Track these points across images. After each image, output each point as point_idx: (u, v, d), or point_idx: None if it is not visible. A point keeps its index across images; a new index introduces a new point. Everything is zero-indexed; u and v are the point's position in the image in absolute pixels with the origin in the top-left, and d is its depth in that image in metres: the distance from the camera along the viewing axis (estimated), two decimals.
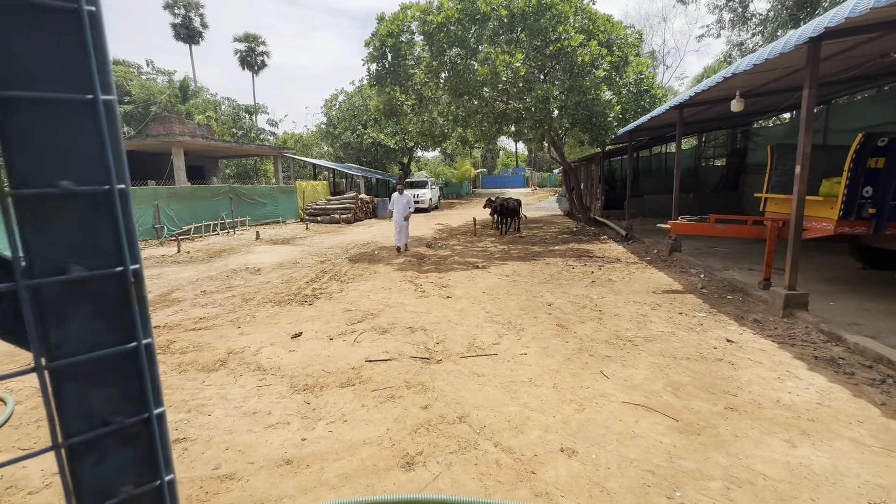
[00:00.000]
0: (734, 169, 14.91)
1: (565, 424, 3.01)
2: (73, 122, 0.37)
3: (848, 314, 4.84)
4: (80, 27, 0.36)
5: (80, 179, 0.37)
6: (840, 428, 2.85)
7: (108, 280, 0.39)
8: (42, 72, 0.35)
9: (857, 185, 5.14)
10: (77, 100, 0.37)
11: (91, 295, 0.38)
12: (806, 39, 4.23)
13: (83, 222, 0.38)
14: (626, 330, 4.82)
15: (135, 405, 0.40)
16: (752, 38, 18.41)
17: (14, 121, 0.35)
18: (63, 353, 0.37)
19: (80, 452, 0.38)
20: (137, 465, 0.41)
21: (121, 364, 0.40)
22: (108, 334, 0.39)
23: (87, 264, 0.38)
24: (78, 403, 0.38)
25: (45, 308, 0.36)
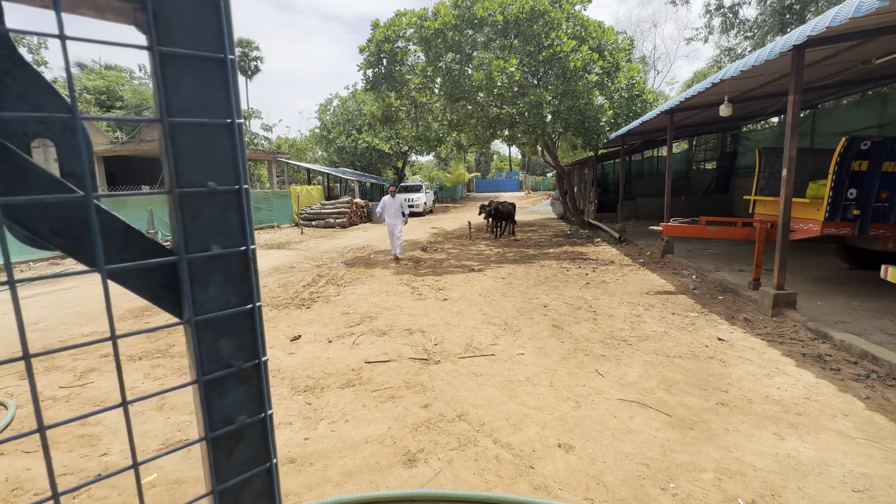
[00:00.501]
0: (724, 172, 15.18)
1: (562, 421, 3.09)
2: (217, 139, 0.47)
3: (835, 313, 4.98)
4: (224, 70, 0.47)
5: (220, 181, 0.48)
6: (826, 421, 2.96)
7: (236, 256, 0.50)
8: (198, 103, 0.45)
9: (842, 188, 5.30)
10: (220, 123, 0.47)
11: (224, 267, 0.49)
12: (790, 47, 4.39)
13: (221, 213, 0.48)
14: (621, 330, 4.92)
15: (249, 353, 0.51)
16: (741, 44, 18.79)
17: (180, 140, 0.45)
18: (205, 310, 0.48)
19: (212, 387, 0.49)
20: (249, 401, 0.52)
21: (241, 320, 0.51)
22: (235, 297, 0.50)
23: (222, 244, 0.49)
24: (212, 349, 0.48)
25: (195, 276, 0.47)
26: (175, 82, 0.44)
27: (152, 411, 3.45)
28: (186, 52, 0.43)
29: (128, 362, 4.50)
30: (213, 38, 0.44)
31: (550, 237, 13.58)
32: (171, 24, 0.42)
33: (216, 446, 0.51)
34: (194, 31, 0.43)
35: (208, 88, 0.45)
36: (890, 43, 5.52)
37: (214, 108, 0.46)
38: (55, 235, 0.43)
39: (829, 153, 5.92)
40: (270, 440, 0.55)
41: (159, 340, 5.11)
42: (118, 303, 6.96)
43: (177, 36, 0.42)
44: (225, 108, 0.47)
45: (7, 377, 4.23)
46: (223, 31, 0.45)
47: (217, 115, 0.46)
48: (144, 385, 3.94)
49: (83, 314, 6.36)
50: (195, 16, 0.43)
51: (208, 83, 0.45)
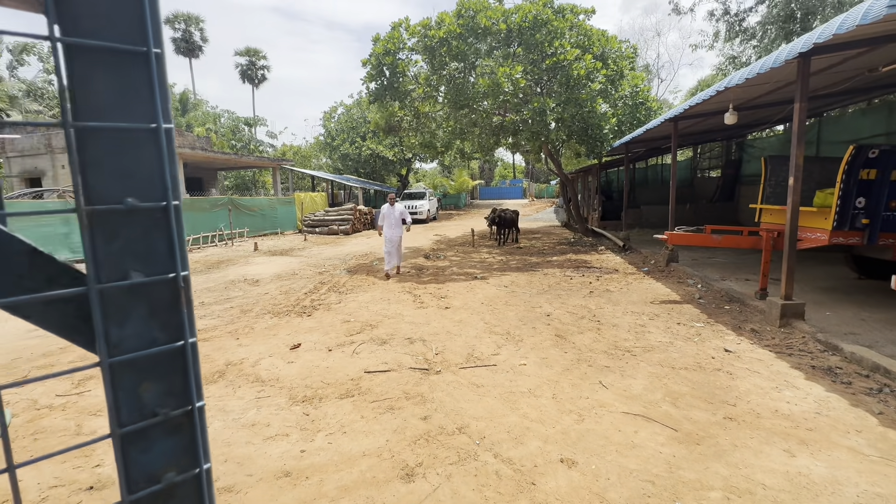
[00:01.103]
0: (729, 180, 15.08)
1: (565, 435, 3.01)
2: (139, 147, 0.41)
3: (844, 324, 4.87)
4: (147, 66, 0.40)
5: (143, 196, 0.42)
6: (838, 437, 2.86)
7: (162, 285, 0.43)
8: (115, 104, 0.40)
9: (850, 196, 5.22)
10: (143, 128, 0.41)
11: (147, 298, 0.42)
12: (796, 55, 4.34)
13: (143, 234, 0.42)
14: (625, 340, 4.83)
15: (180, 398, 0.44)
16: (745, 52, 18.76)
17: (90, 146, 0.39)
18: (122, 349, 0.41)
19: (132, 440, 0.42)
20: (180, 454, 0.45)
21: (170, 360, 0.44)
22: (161, 333, 0.43)
23: (145, 271, 0.42)
24: (132, 396, 0.42)
25: (109, 309, 0.41)
26: (84, 79, 0.38)
27: None
28: (97, 44, 0.37)
29: None
30: (134, 28, 0.38)
31: (554, 245, 13.50)
32: (78, 10, 0.36)
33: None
34: (109, 19, 0.37)
35: (127, 87, 0.39)
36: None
37: (136, 110, 0.40)
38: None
39: (836, 161, 5.85)
40: (207, 499, 0.47)
41: None
42: None
43: (85, 24, 0.37)
44: (149, 110, 0.41)
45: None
46: (146, 20, 0.38)
47: (139, 119, 0.40)
48: None
49: None
50: (110, 1, 0.37)
51: (127, 81, 0.39)
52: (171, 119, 0.42)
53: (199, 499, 0.45)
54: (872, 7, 3.34)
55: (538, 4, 11.70)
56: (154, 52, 0.40)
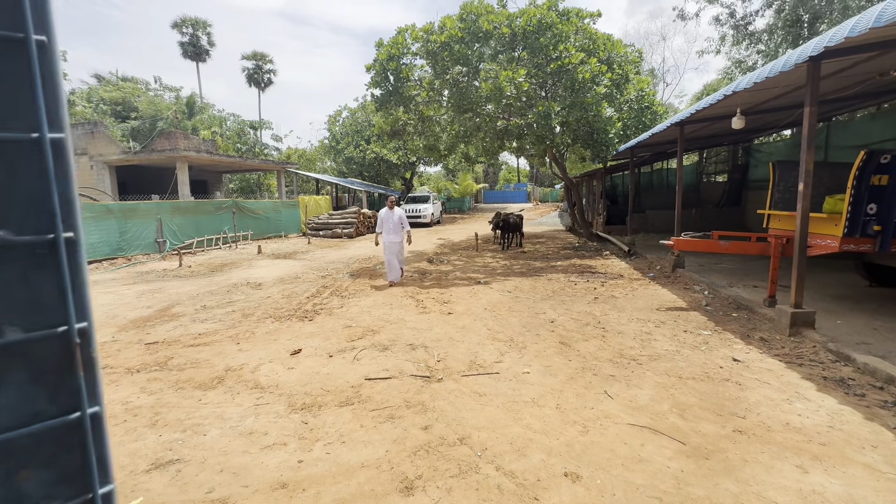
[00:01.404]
0: (736, 185, 14.93)
1: (569, 447, 2.93)
2: (14, 164, 0.32)
3: (856, 333, 4.76)
4: (26, 57, 0.31)
5: (21, 228, 0.33)
6: (853, 453, 2.76)
7: (49, 341, 0.34)
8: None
9: (862, 203, 5.11)
10: (19, 139, 0.32)
11: (27, 359, 0.33)
12: (806, 58, 4.25)
13: (21, 276, 0.33)
14: (630, 348, 4.74)
15: (75, 486, 0.34)
16: (751, 56, 18.62)
17: None
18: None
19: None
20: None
21: (60, 438, 0.34)
22: (48, 404, 0.33)
23: (24, 325, 0.33)
24: (7, 488, 0.31)
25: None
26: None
27: (144, 428, 3.35)
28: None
29: (125, 375, 4.42)
30: (6, 10, 0.28)
31: (558, 249, 13.40)
32: None
33: None
34: None
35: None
36: None
37: (10, 115, 0.31)
38: None
39: (845, 167, 5.73)
40: None
41: (158, 353, 5.03)
42: (121, 312, 6.93)
43: None
44: (29, 115, 0.31)
45: None
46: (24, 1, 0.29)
47: (14, 128, 0.31)
48: (140, 399, 3.85)
49: None
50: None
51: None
52: (66, 128, 0.33)
53: None
54: (886, 9, 3.26)
55: (543, 8, 11.67)
56: (35, 40, 0.31)
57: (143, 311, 7.04)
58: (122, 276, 10.50)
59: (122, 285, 9.34)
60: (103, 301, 7.76)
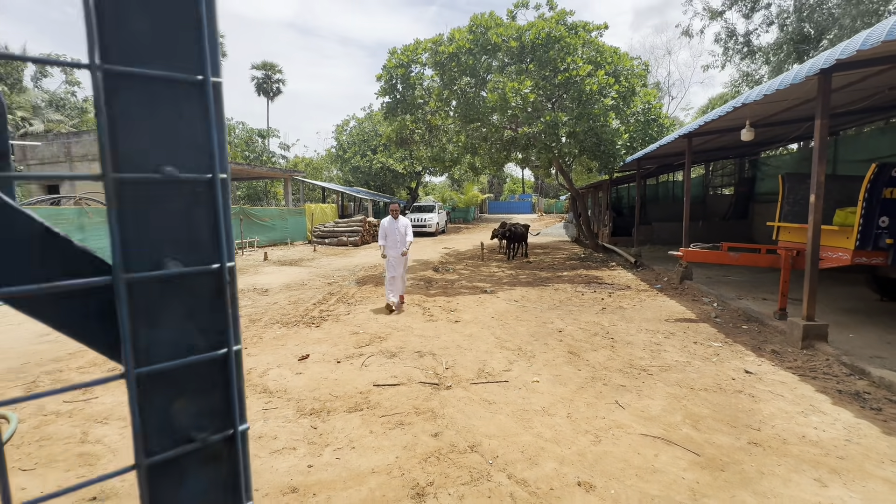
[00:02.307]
0: (743, 198, 14.90)
1: (581, 457, 2.89)
2: (181, 104, 0.34)
3: (869, 347, 4.70)
4: (196, 4, 0.33)
5: (184, 166, 0.34)
6: (872, 467, 2.71)
7: (204, 278, 0.35)
8: (153, 47, 0.32)
9: (873, 216, 5.09)
10: (186, 80, 0.34)
11: (186, 293, 0.34)
12: (817, 71, 4.28)
13: (183, 213, 0.34)
14: (640, 359, 4.70)
15: (220, 420, 0.36)
16: (760, 69, 18.73)
17: (122, 99, 0.32)
18: (154, 357, 0.33)
19: (161, 472, 0.33)
20: (218, 490, 0.36)
21: (209, 373, 0.36)
22: (200, 338, 0.35)
23: (184, 260, 0.34)
24: (163, 416, 0.33)
25: (138, 306, 0.32)
26: (116, 9, 0.30)
27: None
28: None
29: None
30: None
31: (564, 260, 13.37)
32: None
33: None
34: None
35: (173, 25, 0.32)
36: None
37: (181, 56, 0.32)
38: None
39: (856, 180, 5.72)
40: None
41: None
42: None
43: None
44: (195, 57, 0.33)
45: (13, 389, 4.17)
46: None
47: (182, 68, 0.32)
48: None
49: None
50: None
51: (170, 19, 0.31)
52: (222, 73, 0.35)
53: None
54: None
55: (551, 22, 11.81)
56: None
57: None
58: None
59: None
60: None
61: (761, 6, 18.54)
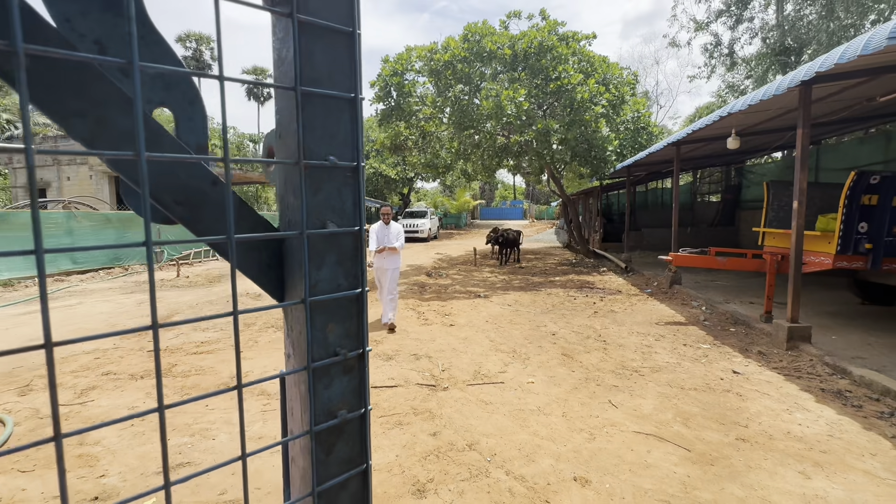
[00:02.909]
0: (729, 204, 15.25)
1: (577, 453, 2.98)
2: (340, 113, 0.46)
3: (851, 347, 4.87)
4: (352, 43, 0.46)
5: (340, 156, 0.46)
6: (853, 460, 2.84)
7: (349, 236, 0.47)
8: (325, 74, 0.45)
9: (853, 221, 5.29)
10: (344, 97, 0.46)
11: (338, 247, 0.46)
12: (798, 82, 4.47)
13: (338, 189, 0.46)
14: (632, 360, 4.81)
15: (355, 341, 0.48)
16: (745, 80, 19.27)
17: (307, 110, 0.44)
18: (318, 290, 0.45)
19: (319, 375, 0.45)
20: (351, 394, 0.48)
21: (350, 305, 0.47)
22: (345, 279, 0.47)
23: (338, 222, 0.46)
24: (321, 335, 0.45)
25: (311, 253, 0.44)
26: (308, 51, 0.43)
27: (153, 432, 3.36)
28: (321, 23, 0.42)
29: (129, 381, 4.41)
30: (344, 11, 0.44)
31: (556, 265, 13.53)
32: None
33: (318, 442, 0.47)
34: (327, 2, 0.43)
35: (336, 60, 0.44)
36: (893, 81, 5.63)
37: (340, 80, 0.45)
38: (177, 205, 0.41)
39: (837, 187, 5.94)
40: (367, 439, 0.51)
41: (162, 360, 5.03)
42: (121, 321, 6.91)
43: (312, 5, 0.42)
44: (350, 81, 0.46)
45: (6, 393, 4.15)
46: (353, 5, 0.44)
47: (342, 88, 0.45)
48: (146, 404, 3.85)
49: (86, 331, 6.29)
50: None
51: (336, 55, 0.44)
52: (362, 91, 0.46)
53: (362, 437, 0.47)
54: (873, 38, 3.47)
55: (543, 31, 12.05)
56: (357, 33, 0.46)
57: (143, 319, 7.02)
58: (121, 286, 10.47)
59: (120, 294, 9.31)
60: (102, 309, 7.73)
61: (745, 19, 19.12)
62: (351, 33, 0.45)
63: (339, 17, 0.44)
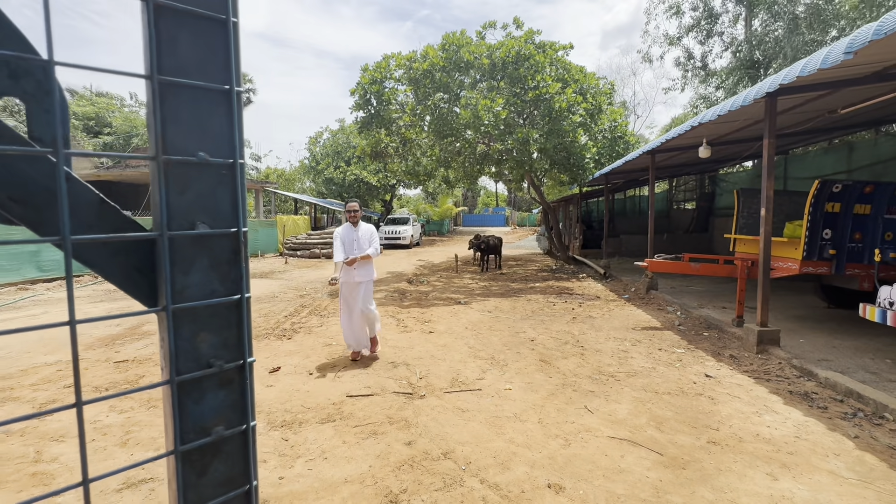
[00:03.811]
0: (703, 212, 15.67)
1: (552, 460, 2.97)
2: (212, 106, 0.43)
3: (817, 350, 5.02)
4: (225, 32, 0.43)
5: (213, 152, 0.43)
6: (818, 461, 2.91)
7: (225, 238, 0.44)
8: (193, 64, 0.42)
9: (818, 228, 5.48)
10: (216, 89, 0.43)
11: (211, 249, 0.43)
12: (763, 94, 4.63)
13: (210, 188, 0.43)
14: (609, 365, 4.86)
15: (233, 351, 0.44)
16: (716, 92, 19.93)
17: (170, 101, 0.41)
18: (185, 297, 0.42)
19: (187, 389, 0.42)
20: (229, 408, 0.45)
21: (226, 313, 0.44)
22: (220, 285, 0.44)
23: (210, 223, 0.43)
24: (190, 345, 0.42)
25: (176, 256, 0.41)
26: (169, 37, 0.40)
27: (114, 447, 3.22)
28: (183, 7, 0.39)
29: (93, 393, 4.23)
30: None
31: (536, 272, 13.64)
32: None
33: (187, 462, 0.44)
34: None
35: (206, 49, 0.42)
36: (853, 95, 5.89)
37: (212, 71, 0.42)
38: (13, 203, 0.37)
39: (803, 195, 6.16)
40: (252, 458, 0.47)
41: (129, 371, 4.85)
42: (87, 330, 6.64)
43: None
44: (223, 72, 0.43)
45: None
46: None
47: (215, 80, 0.42)
48: (109, 418, 3.69)
49: (48, 341, 6.03)
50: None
51: (207, 44, 0.42)
52: (241, 83, 0.44)
53: (245, 456, 0.43)
54: (831, 53, 3.62)
55: (520, 41, 12.24)
56: (232, 21, 0.43)
57: (111, 328, 6.77)
58: (89, 294, 10.09)
59: (87, 303, 8.97)
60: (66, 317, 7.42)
61: (715, 33, 19.82)
62: (224, 21, 0.42)
63: (210, 3, 0.41)
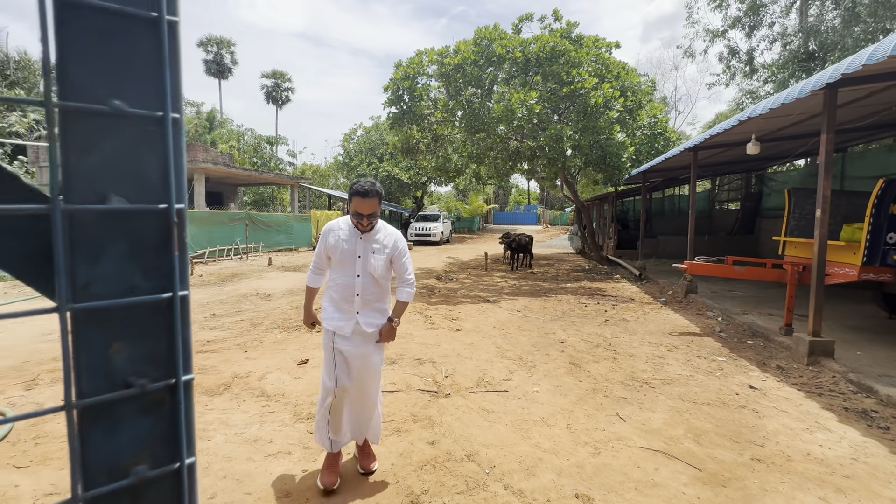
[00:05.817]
0: (749, 213, 14.82)
1: (580, 469, 2.84)
2: (133, 39, 0.33)
3: (877, 364, 4.61)
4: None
5: (134, 101, 0.33)
6: (879, 487, 2.64)
7: (150, 217, 0.34)
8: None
9: (881, 232, 5.03)
10: (140, 15, 0.33)
11: (130, 232, 0.33)
12: (823, 85, 4.27)
13: (130, 149, 0.34)
14: (642, 371, 4.64)
15: (161, 367, 0.34)
16: (765, 86, 18.79)
17: (72, 24, 0.31)
18: (91, 294, 0.32)
19: (93, 417, 0.32)
20: (156, 441, 0.34)
21: (152, 316, 0.34)
22: (143, 279, 0.34)
23: (128, 196, 0.33)
24: (99, 357, 0.32)
25: (78, 240, 0.32)
26: None
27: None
28: None
29: None
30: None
31: (568, 272, 13.31)
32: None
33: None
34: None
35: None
36: None
37: None
38: None
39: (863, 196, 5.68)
40: (190, 501, 0.35)
41: None
42: None
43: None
44: (151, 5, 0.32)
45: (13, 387, 4.18)
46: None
47: (138, 4, 0.32)
48: None
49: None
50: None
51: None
52: (178, 12, 0.34)
53: (180, 501, 0.34)
54: None
55: (556, 35, 11.93)
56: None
57: None
58: None
59: None
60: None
61: (763, 25, 18.65)
62: None
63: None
